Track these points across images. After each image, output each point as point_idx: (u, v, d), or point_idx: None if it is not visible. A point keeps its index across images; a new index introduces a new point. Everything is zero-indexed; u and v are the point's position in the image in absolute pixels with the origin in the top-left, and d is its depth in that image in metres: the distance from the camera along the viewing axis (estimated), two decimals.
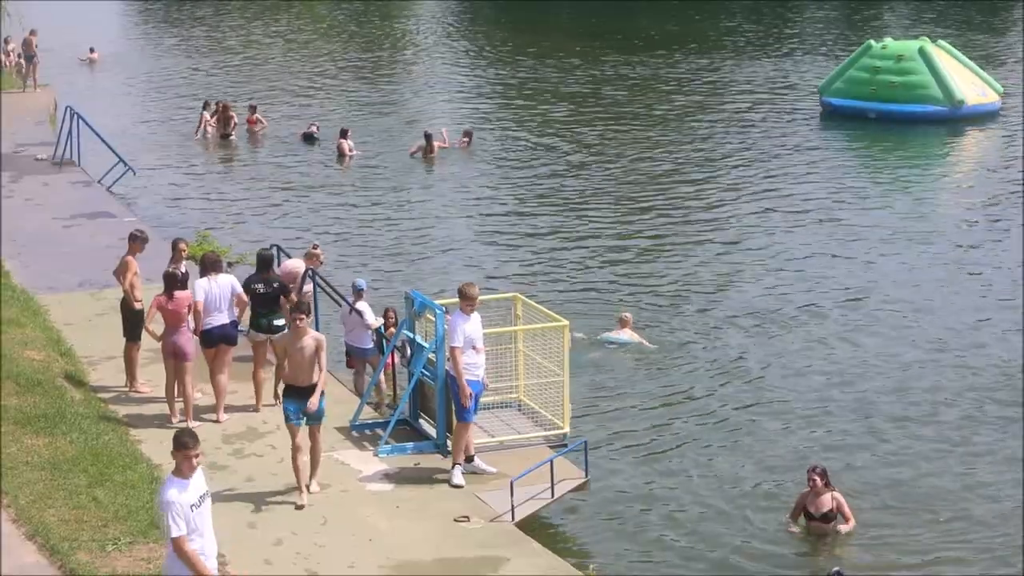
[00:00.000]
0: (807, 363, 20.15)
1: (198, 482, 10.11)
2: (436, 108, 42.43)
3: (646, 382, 19.52)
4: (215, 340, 16.25)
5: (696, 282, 24.12)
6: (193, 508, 9.96)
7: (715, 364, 20.10)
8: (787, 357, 20.36)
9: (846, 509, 14.69)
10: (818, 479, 14.66)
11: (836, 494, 14.72)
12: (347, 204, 30.09)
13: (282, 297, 16.72)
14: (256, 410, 16.63)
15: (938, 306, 22.78)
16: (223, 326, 16.30)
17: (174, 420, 16.12)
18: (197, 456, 10.01)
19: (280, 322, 16.53)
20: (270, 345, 16.56)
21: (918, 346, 20.87)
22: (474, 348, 14.58)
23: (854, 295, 23.24)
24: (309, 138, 36.56)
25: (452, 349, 14.51)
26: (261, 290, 16.69)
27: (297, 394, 13.93)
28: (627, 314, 21.20)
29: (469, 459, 14.75)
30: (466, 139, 35.57)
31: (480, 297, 14.87)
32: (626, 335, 20.78)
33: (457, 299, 14.85)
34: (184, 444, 9.95)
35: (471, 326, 14.56)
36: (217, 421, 16.27)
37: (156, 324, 16.33)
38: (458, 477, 14.53)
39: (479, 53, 54.80)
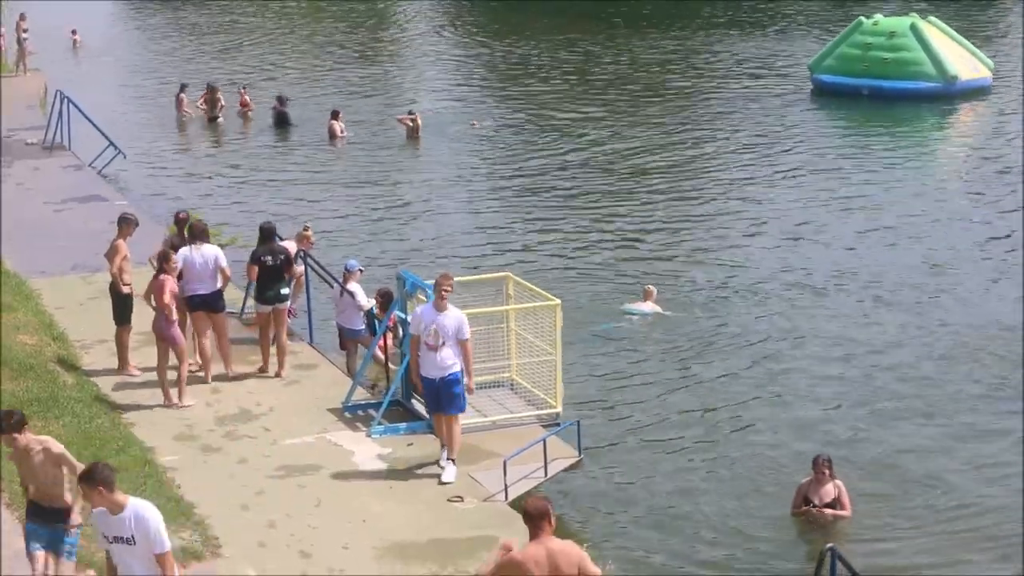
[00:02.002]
0: (806, 340, 20.07)
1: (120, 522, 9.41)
2: (426, 88, 42.40)
3: (648, 359, 19.47)
4: (196, 307, 16.62)
5: (692, 260, 24.10)
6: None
7: (713, 342, 20.04)
8: (786, 335, 20.27)
9: (845, 498, 14.55)
10: (827, 471, 14.46)
11: (838, 482, 14.57)
12: (339, 185, 30.07)
13: (285, 268, 17.16)
14: (263, 370, 17.17)
15: (938, 282, 22.76)
16: (203, 295, 16.59)
17: (166, 401, 16.15)
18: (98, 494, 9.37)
19: (286, 291, 17.15)
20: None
21: (918, 323, 20.79)
22: (425, 343, 14.05)
23: (851, 272, 23.17)
24: (282, 117, 36.16)
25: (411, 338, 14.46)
26: (269, 262, 16.98)
27: (42, 516, 11.20)
28: (651, 286, 21.38)
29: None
30: (474, 122, 35.93)
31: (469, 278, 14.81)
32: (648, 307, 20.92)
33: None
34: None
35: (424, 319, 14.00)
36: (227, 377, 16.82)
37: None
38: (447, 474, 14.26)
39: (468, 32, 54.70)
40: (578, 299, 21.42)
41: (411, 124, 34.53)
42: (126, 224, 17.44)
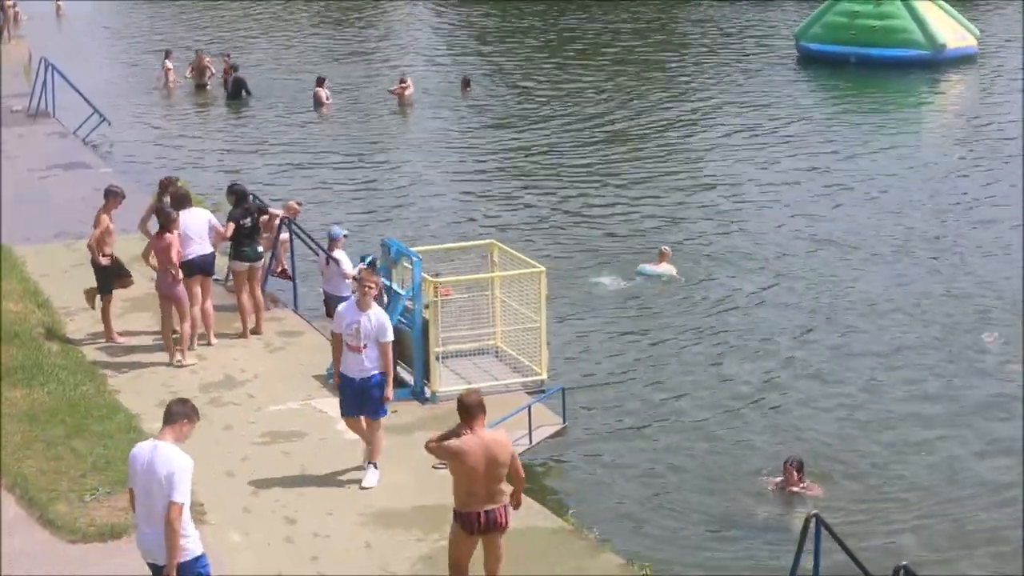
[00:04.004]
0: (794, 311, 20.04)
1: None
2: (413, 55, 42.30)
3: (639, 325, 19.47)
4: (194, 270, 16.65)
5: (677, 228, 24.10)
6: None
7: (700, 311, 20.05)
8: (774, 305, 20.27)
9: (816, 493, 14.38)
10: (795, 473, 14.28)
11: (808, 485, 14.31)
12: (325, 152, 30.02)
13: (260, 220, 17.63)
14: (244, 336, 17.26)
15: (932, 249, 22.78)
16: (202, 255, 16.80)
17: (173, 360, 16.33)
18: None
19: (261, 249, 17.60)
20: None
21: (918, 290, 20.79)
22: (346, 343, 13.09)
23: (840, 241, 23.16)
24: (238, 84, 35.85)
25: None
26: (248, 224, 17.31)
27: None
28: (667, 248, 21.51)
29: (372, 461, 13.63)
30: (467, 87, 35.95)
31: (455, 245, 14.74)
32: (663, 268, 21.05)
33: (431, 247, 14.75)
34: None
35: (346, 317, 13.16)
36: (209, 344, 16.92)
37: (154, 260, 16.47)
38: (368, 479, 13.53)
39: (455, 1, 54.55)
40: (565, 265, 21.43)
41: (402, 92, 34.48)
42: (113, 197, 17.36)
